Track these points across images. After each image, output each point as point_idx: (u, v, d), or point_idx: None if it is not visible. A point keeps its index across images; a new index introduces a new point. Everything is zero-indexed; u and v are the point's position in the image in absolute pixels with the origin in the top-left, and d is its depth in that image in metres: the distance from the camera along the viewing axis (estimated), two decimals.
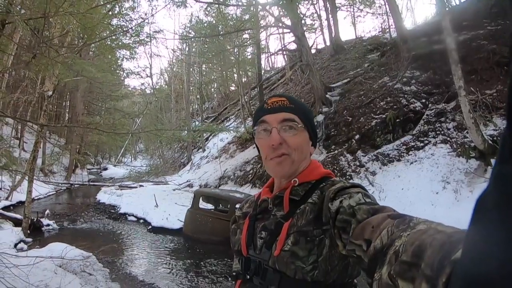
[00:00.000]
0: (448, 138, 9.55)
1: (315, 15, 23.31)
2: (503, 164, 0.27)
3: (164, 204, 12.94)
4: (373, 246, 0.70)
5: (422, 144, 10.00)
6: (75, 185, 20.24)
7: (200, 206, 9.89)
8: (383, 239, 0.68)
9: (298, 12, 16.07)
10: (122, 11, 10.74)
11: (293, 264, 0.97)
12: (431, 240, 0.53)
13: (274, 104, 1.14)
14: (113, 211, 13.47)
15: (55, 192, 17.61)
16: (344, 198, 0.93)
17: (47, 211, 11.48)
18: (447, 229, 0.57)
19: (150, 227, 11.08)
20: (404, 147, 10.37)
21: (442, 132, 9.83)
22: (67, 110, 26.45)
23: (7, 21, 4.86)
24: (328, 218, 0.95)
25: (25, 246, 8.48)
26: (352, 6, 25.30)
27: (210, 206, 10.38)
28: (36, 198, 13.84)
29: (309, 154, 1.17)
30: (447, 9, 12.05)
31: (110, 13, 10.20)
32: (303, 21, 17.94)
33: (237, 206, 9.87)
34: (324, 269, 0.95)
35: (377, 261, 0.66)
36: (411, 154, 10.00)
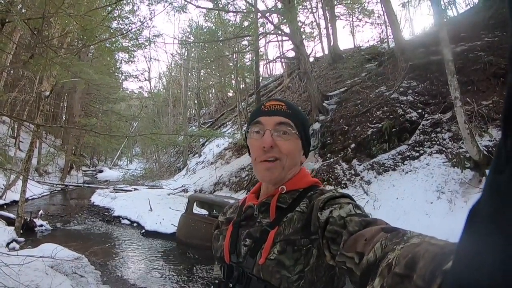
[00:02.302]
0: (444, 149, 9.58)
1: (314, 23, 23.47)
2: (497, 174, 0.27)
3: (158, 208, 12.91)
4: (366, 259, 0.69)
5: (417, 154, 10.02)
6: (70, 187, 20.17)
7: (194, 211, 9.86)
8: (376, 252, 0.67)
9: (297, 20, 16.15)
10: (122, 14, 10.77)
11: (278, 273, 0.95)
12: (424, 252, 0.53)
13: (271, 107, 1.12)
14: (107, 213, 13.44)
15: (49, 192, 17.55)
16: (334, 208, 0.92)
17: (41, 212, 11.46)
18: (440, 242, 0.57)
19: (143, 231, 11.06)
20: (400, 156, 10.39)
21: (438, 142, 9.86)
22: (64, 111, 26.41)
23: (7, 20, 4.86)
24: (317, 227, 0.93)
25: (17, 246, 8.47)
26: (351, 16, 25.47)
27: (204, 212, 10.36)
28: (30, 198, 13.80)
29: (299, 163, 1.15)
30: (445, 20, 12.12)
31: (110, 16, 10.23)
32: (302, 29, 18.05)
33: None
34: (310, 279, 0.94)
35: (370, 274, 0.66)
36: (407, 164, 10.02)
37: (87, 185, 21.00)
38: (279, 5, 15.98)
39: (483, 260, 0.27)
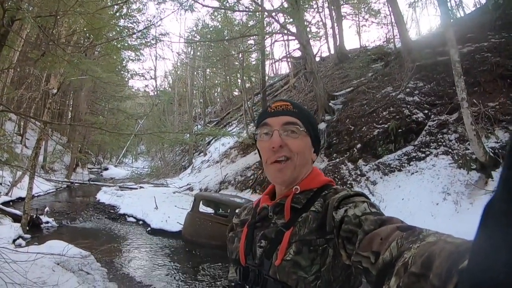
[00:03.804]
0: (450, 150, 9.55)
1: (321, 23, 23.42)
2: (511, 170, 0.27)
3: (164, 206, 12.93)
4: (381, 259, 0.68)
5: (423, 155, 9.99)
6: (76, 184, 20.25)
7: (200, 210, 9.88)
8: (392, 251, 0.67)
9: (304, 20, 16.13)
10: (129, 12, 10.81)
11: (295, 274, 0.94)
12: (440, 251, 0.53)
13: (277, 107, 1.13)
14: (112, 211, 13.47)
15: (55, 189, 17.59)
16: (349, 207, 0.91)
17: (47, 209, 11.48)
18: (457, 240, 0.57)
19: (149, 228, 11.07)
20: (406, 157, 10.36)
21: (444, 144, 9.83)
22: (70, 108, 26.48)
23: (16, 18, 4.89)
24: (332, 227, 0.93)
25: (24, 242, 8.51)
26: (357, 16, 25.44)
27: (210, 210, 10.37)
28: (36, 195, 13.85)
29: (310, 161, 1.15)
30: (451, 20, 12.06)
31: (117, 14, 10.27)
32: (308, 29, 18.00)
33: (237, 211, 9.75)
34: (326, 279, 0.93)
35: (386, 273, 0.65)
36: (412, 165, 9.99)
37: (92, 182, 21.08)
38: (285, 4, 15.99)
39: (498, 257, 0.27)
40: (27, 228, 9.33)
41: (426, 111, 11.11)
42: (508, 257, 0.26)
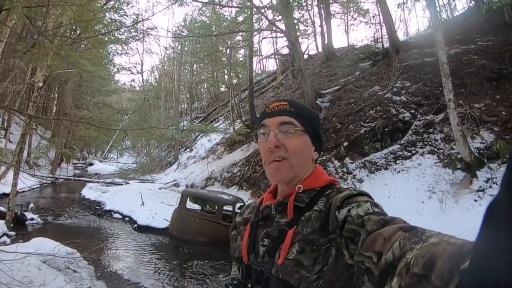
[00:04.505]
0: (435, 149, 9.68)
1: (309, 21, 23.47)
2: None
3: (150, 202, 12.84)
4: (384, 259, 0.68)
5: (409, 154, 10.11)
6: (60, 179, 19.95)
7: (187, 206, 9.84)
8: (395, 251, 0.66)
9: (293, 18, 16.14)
10: (118, 5, 10.66)
11: (297, 273, 0.94)
12: (442, 252, 0.53)
13: (274, 108, 1.13)
14: (98, 207, 13.34)
15: (39, 185, 17.31)
16: (352, 207, 0.91)
17: (31, 205, 11.27)
18: (459, 241, 0.57)
19: (135, 225, 11.00)
20: (392, 156, 10.47)
21: (430, 143, 9.96)
22: (55, 102, 26.05)
23: (4, 7, 4.78)
24: (335, 227, 0.93)
25: (8, 240, 8.35)
26: (346, 14, 25.55)
27: (196, 207, 10.34)
28: (20, 190, 13.59)
29: (311, 159, 1.14)
30: (440, 22, 12.20)
31: (105, 7, 10.15)
32: (296, 27, 18.03)
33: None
34: (329, 279, 0.93)
35: (388, 273, 0.66)
36: (399, 163, 10.10)
37: (77, 178, 20.79)
38: (274, 1, 16.00)
39: (500, 258, 0.27)
40: (12, 225, 9.16)
41: (412, 111, 11.25)
42: (510, 257, 0.26)
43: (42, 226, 10.25)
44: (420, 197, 8.60)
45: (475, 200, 7.61)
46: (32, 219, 10.30)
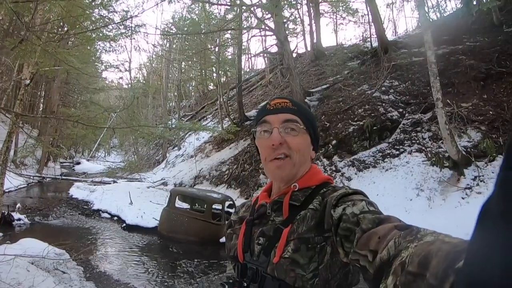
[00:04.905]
0: (423, 148, 9.80)
1: (298, 20, 23.51)
2: (509, 171, 0.28)
3: (138, 201, 12.73)
4: (379, 257, 0.68)
5: (397, 152, 10.22)
6: (47, 179, 19.66)
7: (176, 205, 9.79)
8: (390, 250, 0.66)
9: (282, 16, 16.15)
10: (106, 1, 10.54)
11: (293, 271, 0.94)
12: (437, 250, 0.53)
13: (276, 105, 1.12)
14: (86, 207, 13.18)
15: (26, 185, 16.96)
16: (347, 206, 0.91)
17: (18, 205, 11.08)
18: (454, 239, 0.57)
19: (124, 224, 10.89)
20: (380, 154, 10.57)
21: (418, 141, 10.08)
22: (42, 100, 25.71)
23: None
24: (330, 225, 0.92)
25: None
26: (335, 14, 25.62)
27: (185, 205, 10.29)
28: (6, 190, 13.35)
29: (309, 158, 1.14)
30: (429, 22, 12.34)
31: (94, 3, 10.04)
32: (286, 25, 18.05)
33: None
34: (324, 277, 0.93)
35: (383, 272, 0.65)
36: (387, 161, 10.21)
37: (65, 177, 20.51)
38: (264, 0, 15.98)
39: (494, 257, 0.27)
40: None
41: (400, 110, 11.37)
42: (504, 257, 0.26)
43: (29, 227, 10.07)
44: (408, 194, 8.71)
45: (463, 198, 7.73)
46: (19, 219, 10.11)
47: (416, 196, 8.53)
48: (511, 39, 11.29)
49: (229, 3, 16.59)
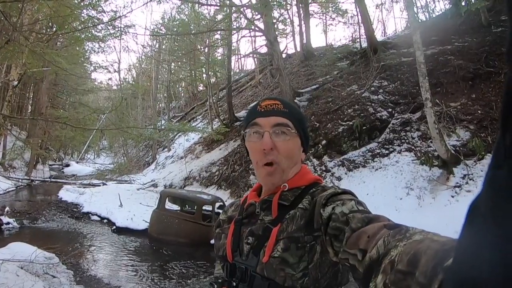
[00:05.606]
0: (413, 147, 9.88)
1: (288, 20, 23.56)
2: (496, 169, 0.28)
3: (128, 203, 12.61)
4: (368, 256, 0.69)
5: (387, 152, 10.28)
6: (36, 181, 19.42)
7: (166, 206, 9.74)
8: (379, 249, 0.67)
9: (272, 17, 16.17)
10: (95, 1, 10.46)
11: (282, 271, 0.94)
12: (426, 249, 0.53)
13: (267, 107, 1.11)
14: (75, 210, 13.01)
15: (15, 188, 16.68)
16: (337, 205, 0.91)
17: (7, 208, 10.92)
18: (443, 238, 0.57)
19: (114, 227, 10.77)
20: (370, 153, 10.63)
21: (407, 141, 10.16)
22: (30, 102, 25.42)
23: None
24: (320, 224, 0.93)
25: None
26: (324, 14, 25.77)
27: (175, 207, 10.24)
28: None
29: (299, 161, 1.14)
30: (418, 23, 12.45)
31: (83, 3, 9.97)
32: (275, 26, 18.07)
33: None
34: (314, 276, 0.93)
35: (372, 271, 0.66)
36: (376, 161, 10.26)
37: (54, 180, 20.28)
38: (254, 0, 15.99)
39: (482, 255, 0.27)
40: None
41: (390, 110, 11.45)
42: (492, 255, 0.26)
43: (18, 230, 9.92)
44: (398, 193, 8.78)
45: (452, 196, 7.81)
46: (8, 223, 9.96)
47: (406, 195, 8.60)
48: (499, 40, 11.42)
49: (218, 4, 16.58)
